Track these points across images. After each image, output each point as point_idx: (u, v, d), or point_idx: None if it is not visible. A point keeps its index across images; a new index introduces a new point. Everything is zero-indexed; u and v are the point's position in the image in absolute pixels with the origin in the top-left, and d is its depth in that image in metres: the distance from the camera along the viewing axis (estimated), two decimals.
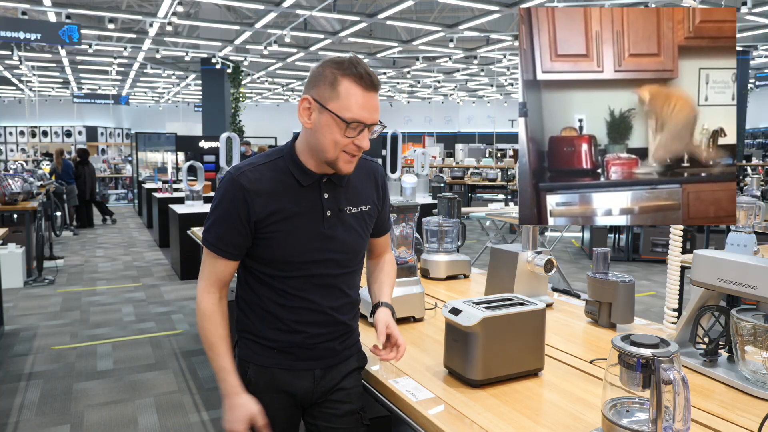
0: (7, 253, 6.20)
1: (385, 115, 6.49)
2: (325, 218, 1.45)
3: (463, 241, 2.81)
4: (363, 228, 1.54)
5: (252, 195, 1.39)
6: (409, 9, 12.06)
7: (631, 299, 1.95)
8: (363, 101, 1.33)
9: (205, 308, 1.45)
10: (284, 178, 1.42)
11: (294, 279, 1.45)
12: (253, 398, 1.44)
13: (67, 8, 10.11)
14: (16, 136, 24.46)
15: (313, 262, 1.45)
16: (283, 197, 1.41)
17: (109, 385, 3.75)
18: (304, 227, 1.43)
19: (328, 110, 1.33)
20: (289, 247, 1.43)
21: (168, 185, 9.15)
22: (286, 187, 1.42)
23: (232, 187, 1.40)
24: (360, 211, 1.51)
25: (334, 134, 1.35)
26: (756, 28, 12.10)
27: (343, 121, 1.33)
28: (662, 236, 7.88)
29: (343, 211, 1.48)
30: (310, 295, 1.47)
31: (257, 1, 10.17)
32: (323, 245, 1.45)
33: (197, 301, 1.48)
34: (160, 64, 17.12)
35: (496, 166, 15.17)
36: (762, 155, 15.91)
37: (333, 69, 1.34)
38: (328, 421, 1.55)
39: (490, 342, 1.47)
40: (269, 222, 1.40)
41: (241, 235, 1.41)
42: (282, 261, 1.44)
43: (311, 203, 1.44)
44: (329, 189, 1.46)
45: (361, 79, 1.33)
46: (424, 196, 7.02)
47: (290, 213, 1.41)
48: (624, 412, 1.15)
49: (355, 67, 1.33)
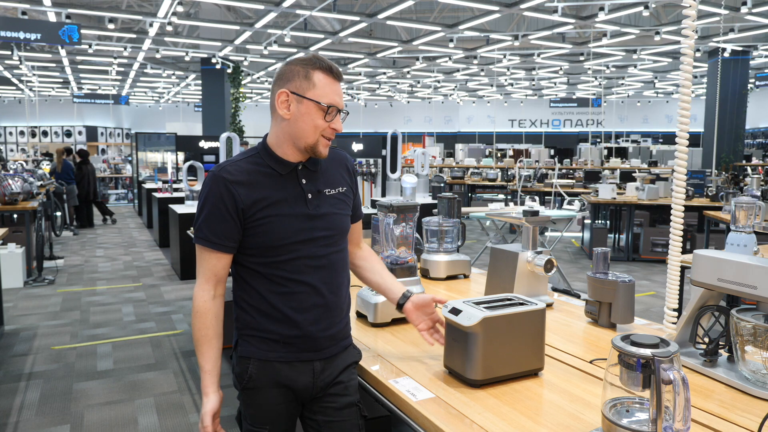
0: (7, 253, 6.20)
1: (385, 115, 6.52)
2: (308, 200, 1.54)
3: (463, 241, 2.81)
4: (344, 208, 1.63)
5: (235, 185, 1.47)
6: (409, 9, 12.07)
7: (631, 299, 1.95)
8: (335, 88, 1.50)
9: (197, 305, 1.52)
10: (263, 170, 1.52)
11: (287, 263, 1.52)
12: (217, 396, 1.52)
13: (67, 8, 10.11)
14: (16, 136, 24.46)
15: (302, 242, 1.52)
16: (264, 186, 1.50)
17: (109, 385, 3.75)
18: (290, 210, 1.51)
19: (308, 99, 1.47)
20: (279, 231, 1.50)
21: (168, 185, 9.15)
22: (266, 176, 1.51)
23: (215, 182, 1.49)
24: (338, 192, 1.62)
25: (315, 120, 1.48)
26: (756, 28, 12.10)
27: (324, 106, 1.48)
28: (662, 236, 7.89)
29: (322, 193, 1.57)
30: (305, 277, 1.53)
31: (257, 1, 10.17)
32: (311, 224, 1.53)
33: (193, 297, 1.54)
34: (160, 64, 17.12)
35: (496, 166, 15.16)
36: (762, 155, 15.92)
37: (303, 65, 1.49)
38: (328, 414, 1.59)
39: (490, 342, 1.47)
40: (256, 210, 1.48)
41: (232, 226, 1.48)
42: (273, 246, 1.50)
43: (292, 188, 1.53)
44: (306, 175, 1.56)
45: (330, 71, 1.49)
46: (424, 196, 7.00)
47: (274, 199, 1.50)
48: (624, 412, 1.15)
49: (322, 62, 1.49)
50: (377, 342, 1.88)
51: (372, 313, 2.02)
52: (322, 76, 1.48)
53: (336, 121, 1.51)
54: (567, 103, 22.39)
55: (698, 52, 14.65)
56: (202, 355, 1.52)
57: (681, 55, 1.66)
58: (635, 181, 9.19)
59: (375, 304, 2.01)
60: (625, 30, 12.25)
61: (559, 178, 11.64)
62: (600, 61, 16.16)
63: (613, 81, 21.45)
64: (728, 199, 6.70)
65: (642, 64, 17.38)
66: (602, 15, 10.33)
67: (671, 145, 18.61)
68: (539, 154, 15.25)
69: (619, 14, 10.82)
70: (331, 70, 1.49)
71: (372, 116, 27.26)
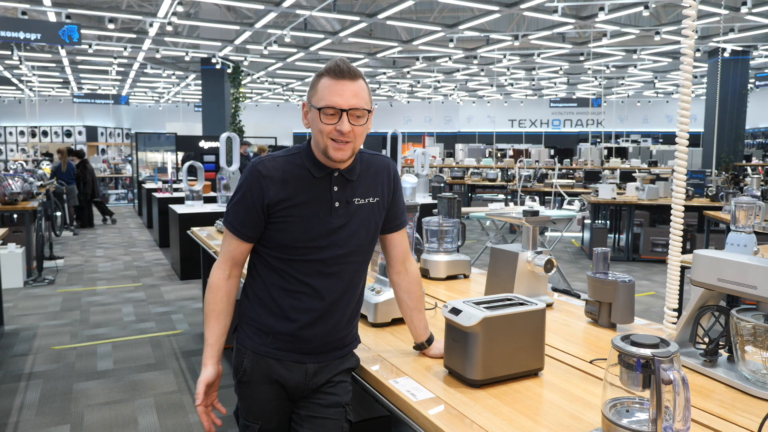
0: (7, 253, 6.20)
1: (385, 115, 6.52)
2: (333, 209, 1.54)
3: (463, 241, 2.81)
4: (370, 220, 1.61)
5: (267, 180, 1.50)
6: (409, 9, 12.07)
7: (631, 299, 1.95)
8: (335, 89, 1.47)
9: (212, 281, 1.58)
10: (298, 170, 1.53)
11: (299, 263, 1.54)
12: (215, 368, 1.55)
13: (67, 8, 10.11)
14: (16, 136, 24.45)
15: (318, 248, 1.53)
16: (295, 185, 1.52)
17: (109, 385, 3.75)
18: (313, 216, 1.53)
19: (312, 105, 1.51)
20: (297, 233, 1.52)
21: (168, 185, 9.15)
22: (300, 177, 1.53)
23: (250, 173, 1.53)
24: (368, 203, 1.60)
25: (318, 125, 1.49)
26: (756, 28, 12.10)
27: (318, 110, 1.48)
28: (662, 236, 7.89)
29: (351, 203, 1.57)
30: (313, 281, 1.54)
31: (257, 1, 10.17)
32: (330, 234, 1.54)
33: (210, 274, 1.60)
34: (160, 64, 17.12)
35: (496, 166, 15.16)
36: (762, 155, 15.91)
37: (317, 74, 1.52)
38: (311, 410, 1.60)
39: (490, 342, 1.47)
40: (280, 207, 1.51)
41: (255, 218, 1.53)
42: (289, 246, 1.53)
43: (321, 194, 1.54)
44: (339, 183, 1.56)
45: (332, 71, 1.48)
46: (424, 196, 7.02)
47: (300, 200, 1.52)
48: (624, 412, 1.15)
49: (330, 64, 1.49)
50: (377, 342, 1.88)
51: (372, 313, 2.02)
52: (325, 79, 1.48)
53: (341, 123, 1.46)
54: (567, 103, 22.39)
55: (698, 52, 14.65)
56: (208, 328, 1.56)
57: (681, 55, 1.66)
58: (635, 181, 9.19)
59: (375, 304, 2.01)
60: (625, 30, 12.26)
61: (559, 178, 11.64)
62: (600, 61, 16.16)
63: (613, 81, 21.45)
64: (728, 199, 6.70)
65: (642, 64, 17.38)
66: (602, 15, 10.33)
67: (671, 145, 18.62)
68: (539, 154, 15.26)
69: (619, 14, 10.82)
70: (335, 72, 1.47)
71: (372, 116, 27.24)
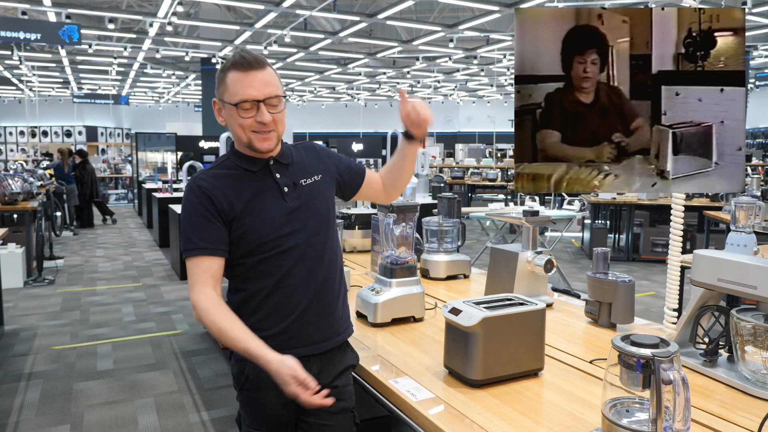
0: (7, 253, 6.19)
1: (385, 115, 6.51)
2: (284, 193, 1.54)
3: (463, 241, 2.81)
4: (323, 195, 1.62)
5: (211, 190, 1.49)
6: (409, 9, 12.06)
7: (631, 299, 1.95)
8: (246, 81, 1.44)
9: (202, 305, 1.43)
10: (235, 172, 1.53)
11: (274, 257, 1.51)
12: (288, 355, 1.39)
13: (67, 8, 10.11)
14: (16, 136, 24.44)
15: (286, 235, 1.52)
16: (239, 186, 1.51)
17: (109, 385, 3.75)
18: (268, 206, 1.51)
19: (225, 102, 1.47)
20: (262, 228, 1.50)
21: (168, 185, 9.15)
22: (239, 177, 1.52)
23: (192, 192, 1.51)
24: (314, 181, 1.60)
25: (237, 120, 1.46)
26: (756, 28, 12.10)
27: (233, 105, 1.45)
28: (662, 236, 7.88)
29: (298, 184, 1.57)
30: (293, 270, 1.52)
31: (257, 1, 10.16)
32: (292, 217, 1.53)
33: (193, 306, 1.45)
34: (160, 64, 17.12)
35: (496, 166, 15.15)
36: (762, 155, 15.92)
37: (222, 69, 1.49)
38: (321, 418, 1.57)
39: (490, 342, 1.47)
40: (236, 211, 1.49)
41: (218, 230, 1.48)
42: (259, 243, 1.50)
43: (267, 184, 1.53)
44: (279, 169, 1.56)
45: (238, 63, 1.44)
46: (424, 196, 7.02)
47: (250, 196, 1.51)
48: (624, 412, 1.15)
49: (235, 58, 1.46)
50: (377, 342, 1.88)
51: (372, 313, 2.02)
52: (233, 73, 1.45)
53: (261, 114, 1.44)
54: None
55: None
56: (237, 339, 1.40)
57: None
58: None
59: (375, 304, 2.01)
60: None
61: None
62: None
63: None
64: (728, 199, 6.70)
65: None
66: None
67: None
68: None
69: None
70: (242, 64, 1.44)
71: (372, 116, 27.26)
